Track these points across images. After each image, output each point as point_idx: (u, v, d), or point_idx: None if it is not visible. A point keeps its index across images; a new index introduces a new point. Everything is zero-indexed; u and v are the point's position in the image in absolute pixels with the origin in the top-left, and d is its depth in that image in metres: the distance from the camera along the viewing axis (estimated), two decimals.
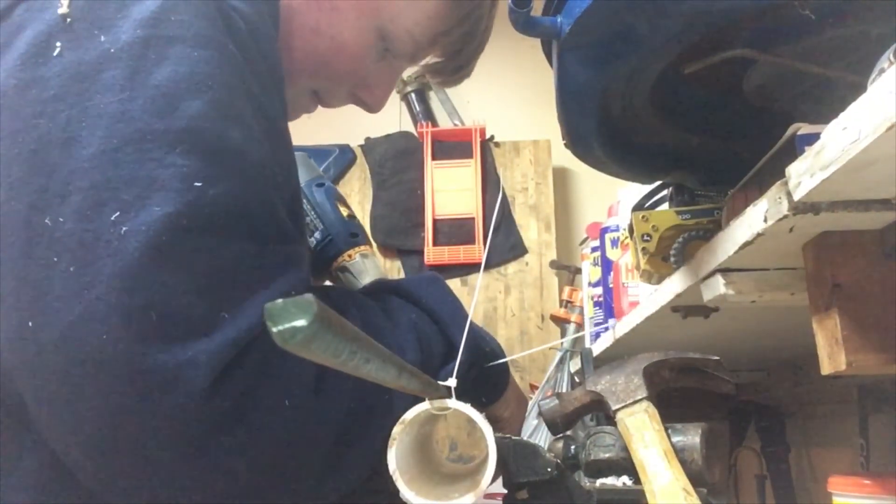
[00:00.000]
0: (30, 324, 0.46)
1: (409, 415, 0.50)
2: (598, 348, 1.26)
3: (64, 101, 0.49)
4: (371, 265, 0.85)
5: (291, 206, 0.60)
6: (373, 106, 0.78)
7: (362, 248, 0.85)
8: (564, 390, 1.73)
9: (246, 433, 0.48)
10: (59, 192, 0.47)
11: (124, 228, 0.46)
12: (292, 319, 0.25)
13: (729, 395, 0.65)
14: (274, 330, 0.25)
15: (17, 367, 0.48)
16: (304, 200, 0.85)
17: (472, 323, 0.69)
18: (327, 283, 0.88)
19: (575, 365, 1.72)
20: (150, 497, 0.49)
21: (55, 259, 0.46)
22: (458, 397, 0.51)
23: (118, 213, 0.47)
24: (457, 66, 0.80)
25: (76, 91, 0.49)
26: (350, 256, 0.84)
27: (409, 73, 2.73)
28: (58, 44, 0.50)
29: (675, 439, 0.57)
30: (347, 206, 0.89)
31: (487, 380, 0.74)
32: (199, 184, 0.49)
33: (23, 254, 0.47)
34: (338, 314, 0.27)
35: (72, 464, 0.49)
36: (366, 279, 0.83)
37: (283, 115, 0.62)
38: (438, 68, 0.80)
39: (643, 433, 0.57)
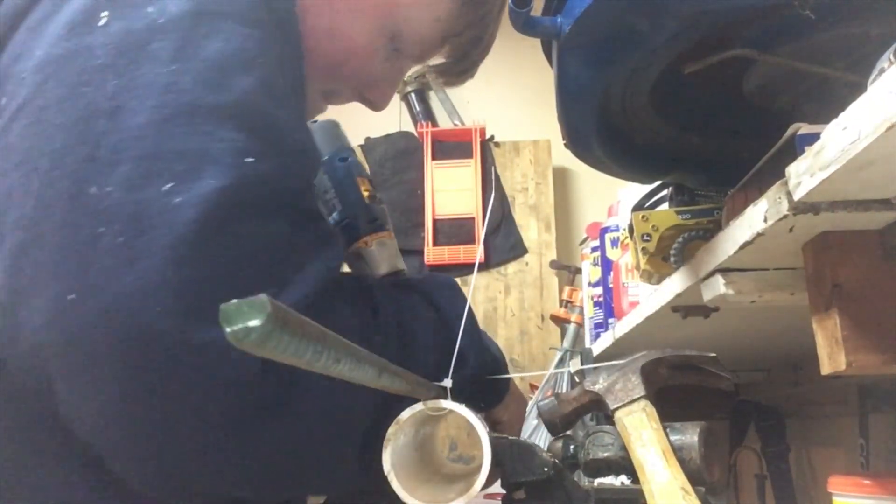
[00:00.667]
0: (71, 296, 0.43)
1: (404, 415, 0.50)
2: (598, 348, 1.26)
3: (111, 70, 0.47)
4: (387, 255, 0.80)
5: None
6: (378, 104, 0.78)
7: (380, 234, 0.81)
8: (564, 390, 1.73)
9: (293, 410, 0.47)
10: (107, 161, 0.45)
11: (177, 199, 0.45)
12: (246, 319, 0.24)
13: (727, 391, 0.65)
14: (227, 330, 0.24)
15: (50, 344, 0.45)
16: (326, 176, 0.83)
17: (481, 332, 0.69)
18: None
19: (575, 365, 1.72)
20: (181, 482, 0.47)
21: (101, 230, 0.44)
22: (460, 400, 0.51)
23: (171, 184, 0.45)
24: (463, 68, 0.80)
25: (124, 61, 0.48)
26: (366, 244, 0.80)
27: (409, 73, 2.73)
28: (104, 13, 0.49)
29: (673, 438, 0.57)
30: (370, 184, 0.85)
31: (489, 386, 0.74)
32: (251, 160, 0.48)
33: (65, 224, 0.45)
34: (297, 314, 0.26)
35: (102, 448, 0.47)
36: (380, 269, 0.79)
37: (303, 111, 0.61)
38: (444, 69, 0.80)
39: (641, 432, 0.57)
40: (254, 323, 0.24)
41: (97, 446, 0.47)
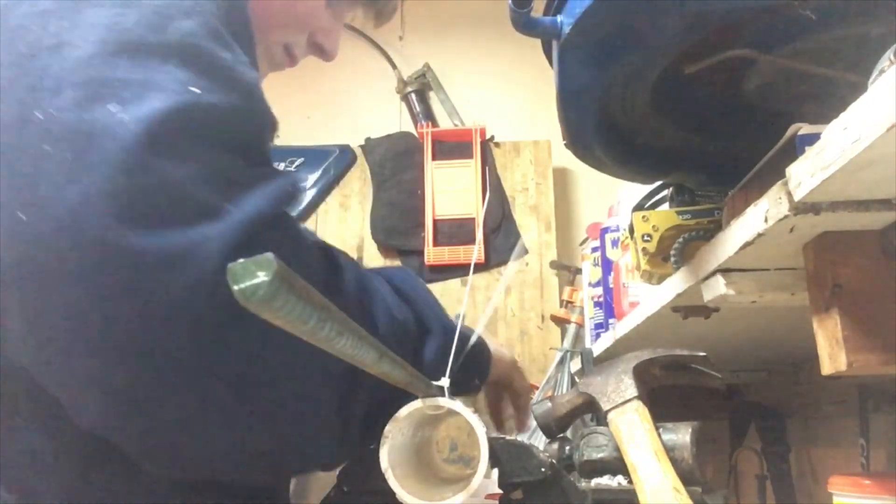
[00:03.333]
0: (23, 217, 0.44)
1: (402, 412, 0.50)
2: (598, 349, 1.26)
3: (54, 14, 0.49)
4: None
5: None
6: (331, 51, 0.81)
7: None
8: (565, 390, 1.73)
9: (256, 322, 0.47)
10: (52, 87, 0.46)
11: (124, 117, 0.46)
12: (253, 276, 0.25)
13: (718, 389, 0.66)
14: (236, 289, 0.25)
15: (11, 266, 0.45)
16: None
17: (439, 304, 0.69)
18: None
19: (575, 365, 1.72)
20: (139, 397, 0.47)
21: (48, 149, 0.45)
22: (454, 390, 0.51)
23: (117, 106, 0.46)
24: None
25: (67, 6, 0.49)
26: None
27: (409, 73, 2.73)
28: None
29: (665, 438, 0.57)
30: None
31: (473, 361, 0.73)
32: (196, 90, 0.49)
33: (14, 148, 0.46)
34: (304, 281, 0.27)
35: (53, 382, 0.47)
36: None
37: (254, 60, 0.61)
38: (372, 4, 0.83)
39: (633, 433, 0.57)
40: (261, 278, 0.25)
41: (51, 385, 0.47)
